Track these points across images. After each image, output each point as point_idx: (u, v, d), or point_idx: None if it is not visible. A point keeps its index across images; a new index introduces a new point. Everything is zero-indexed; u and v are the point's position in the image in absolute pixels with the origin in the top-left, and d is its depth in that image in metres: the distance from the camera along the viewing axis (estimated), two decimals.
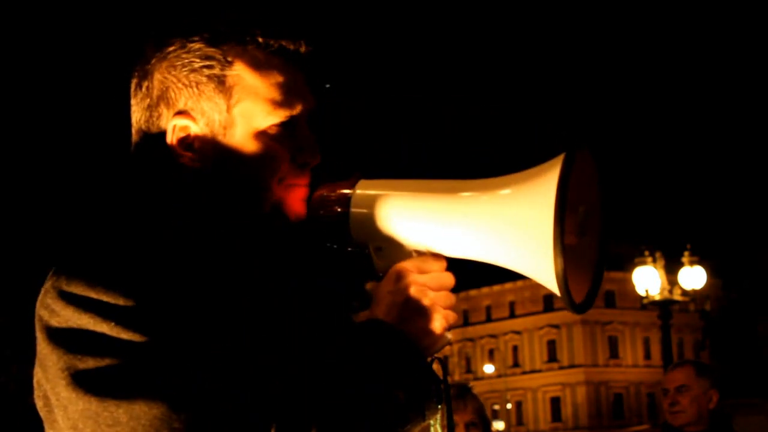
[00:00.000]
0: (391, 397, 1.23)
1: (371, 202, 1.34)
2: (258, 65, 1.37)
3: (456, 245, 1.30)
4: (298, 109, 1.38)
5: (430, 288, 1.30)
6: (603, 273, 1.33)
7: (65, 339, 1.23)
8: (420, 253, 1.33)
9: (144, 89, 1.40)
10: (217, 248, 1.35)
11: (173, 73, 1.37)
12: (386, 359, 1.25)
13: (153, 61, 1.39)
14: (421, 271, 1.30)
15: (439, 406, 1.29)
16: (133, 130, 1.42)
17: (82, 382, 1.20)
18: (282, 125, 1.37)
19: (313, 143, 1.40)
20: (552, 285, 1.19)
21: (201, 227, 1.36)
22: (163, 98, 1.38)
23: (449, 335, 1.32)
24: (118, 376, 1.19)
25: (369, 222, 1.34)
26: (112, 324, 1.21)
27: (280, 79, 1.38)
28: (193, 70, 1.36)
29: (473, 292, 64.23)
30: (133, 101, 1.42)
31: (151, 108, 1.39)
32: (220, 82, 1.36)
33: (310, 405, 1.20)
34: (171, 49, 1.37)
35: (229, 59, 1.36)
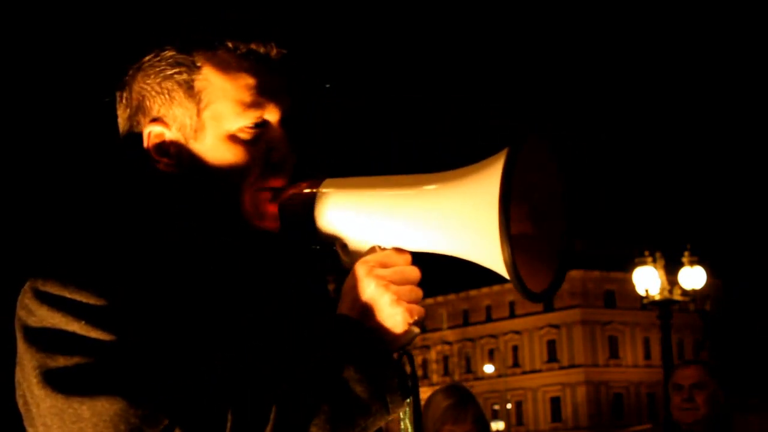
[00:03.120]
0: (349, 389, 1.24)
1: (334, 201, 1.35)
2: (226, 68, 1.40)
3: (413, 239, 1.30)
4: (269, 110, 1.40)
5: (393, 282, 1.29)
6: (568, 262, 1.32)
7: (39, 338, 1.27)
8: (384, 248, 1.32)
9: (124, 100, 1.46)
10: (189, 251, 1.38)
11: (147, 81, 1.42)
12: (347, 352, 1.26)
13: (130, 72, 1.44)
14: (384, 266, 1.30)
15: (407, 401, 1.30)
16: (120, 141, 1.47)
17: (51, 379, 1.24)
18: (252, 127, 1.39)
19: (285, 144, 1.40)
20: (507, 275, 1.20)
21: (174, 230, 1.40)
22: (140, 107, 1.43)
23: (416, 329, 1.30)
24: (83, 373, 1.23)
25: (333, 220, 1.35)
26: (83, 323, 1.26)
27: (249, 81, 1.39)
28: (165, 78, 1.41)
29: (473, 292, 64.25)
30: (118, 113, 1.48)
31: (131, 117, 1.44)
32: (189, 87, 1.40)
33: (268, 397, 1.22)
34: (146, 59, 1.42)
35: (198, 64, 1.40)
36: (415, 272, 1.31)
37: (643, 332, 60.97)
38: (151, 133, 1.42)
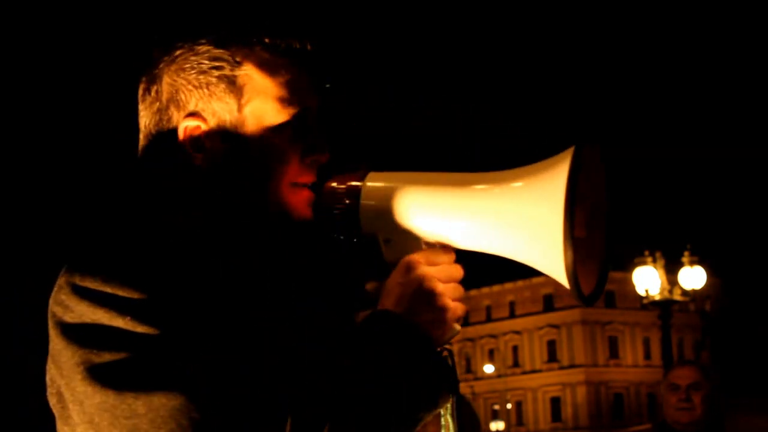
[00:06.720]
0: (403, 388, 1.24)
1: (381, 194, 1.35)
2: (266, 65, 1.40)
3: (467, 238, 1.32)
4: (306, 107, 1.41)
5: (439, 279, 1.31)
6: (609, 267, 1.35)
7: (80, 334, 1.25)
8: (430, 245, 1.34)
9: (153, 93, 1.42)
10: (226, 247, 1.37)
11: (182, 75, 1.39)
12: (398, 350, 1.26)
13: (161, 65, 1.41)
14: (431, 263, 1.31)
15: (451, 396, 1.31)
16: (142, 135, 1.44)
17: (98, 375, 1.22)
18: (291, 123, 1.39)
19: (322, 141, 1.42)
20: (561, 277, 1.21)
21: (210, 226, 1.38)
22: (173, 101, 1.40)
23: (458, 327, 1.33)
24: (134, 369, 1.22)
25: (379, 214, 1.35)
26: (128, 318, 1.24)
27: (288, 78, 1.40)
28: (203, 72, 1.38)
29: (473, 292, 64.18)
30: (141, 106, 1.44)
31: (161, 111, 1.41)
32: (231, 82, 1.38)
33: (324, 398, 1.21)
34: (179, 52, 1.40)
35: (238, 60, 1.39)
36: (459, 271, 1.33)
37: (643, 332, 60.98)
38: (188, 128, 1.39)
